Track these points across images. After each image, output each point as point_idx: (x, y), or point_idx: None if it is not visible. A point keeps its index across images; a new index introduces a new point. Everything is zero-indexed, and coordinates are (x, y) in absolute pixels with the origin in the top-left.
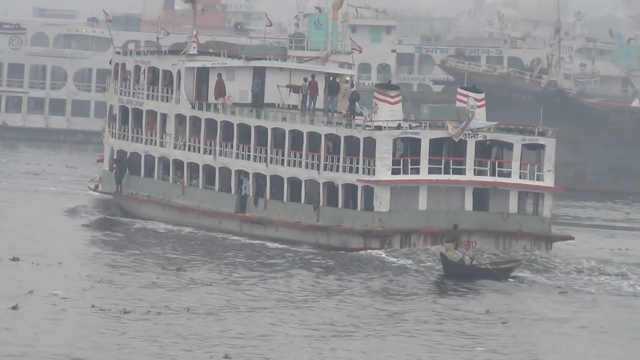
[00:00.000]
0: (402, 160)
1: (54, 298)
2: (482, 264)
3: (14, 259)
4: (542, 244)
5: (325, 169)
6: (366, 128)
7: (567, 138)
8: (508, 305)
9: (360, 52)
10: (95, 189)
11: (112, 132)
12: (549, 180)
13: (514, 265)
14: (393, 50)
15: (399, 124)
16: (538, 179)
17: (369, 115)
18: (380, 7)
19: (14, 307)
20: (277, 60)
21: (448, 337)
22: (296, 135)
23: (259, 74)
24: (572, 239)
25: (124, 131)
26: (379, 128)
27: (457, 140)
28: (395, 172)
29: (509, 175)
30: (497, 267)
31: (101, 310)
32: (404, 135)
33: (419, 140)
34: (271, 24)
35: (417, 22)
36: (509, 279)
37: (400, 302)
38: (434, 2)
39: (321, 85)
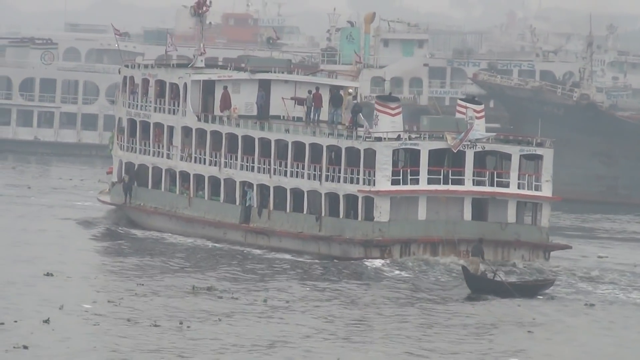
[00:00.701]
0: (401, 170)
1: (86, 312)
2: (503, 280)
3: (48, 274)
4: (540, 253)
5: (327, 180)
6: (366, 139)
7: (599, 151)
8: (534, 317)
9: (361, 63)
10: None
11: (121, 145)
12: (547, 190)
13: (544, 283)
14: (425, 64)
15: (399, 135)
16: (536, 189)
17: (368, 127)
18: (412, 21)
19: (46, 321)
20: (283, 73)
21: (476, 347)
22: (299, 146)
23: (264, 87)
24: (570, 247)
25: (132, 143)
26: (379, 139)
27: (455, 151)
28: (395, 182)
29: (507, 185)
30: (524, 284)
31: (136, 323)
32: (403, 147)
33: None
34: (278, 38)
35: (450, 36)
36: (538, 296)
37: (421, 312)
38: (466, 16)
39: (326, 98)
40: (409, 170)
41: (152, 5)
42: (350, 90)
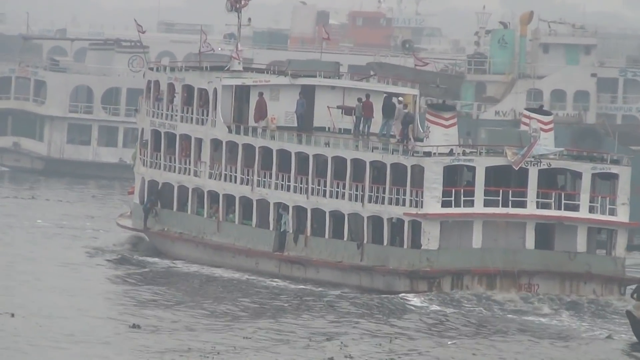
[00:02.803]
0: (454, 190)
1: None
2: None
3: (135, 326)
4: (614, 288)
5: (370, 201)
6: (414, 154)
7: None
8: None
9: (424, 66)
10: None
11: (144, 160)
12: (622, 215)
13: None
14: (593, 74)
15: (451, 149)
16: (611, 214)
17: (414, 140)
18: (578, 22)
19: None
20: (329, 77)
21: None
22: (339, 162)
23: (308, 94)
24: None
25: (156, 159)
26: (428, 154)
27: (517, 169)
28: (446, 204)
29: (577, 208)
30: None
31: None
32: (455, 162)
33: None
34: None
35: (623, 41)
36: None
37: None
38: None
39: (378, 107)
40: (462, 191)
41: (263, 1)
42: (400, 99)
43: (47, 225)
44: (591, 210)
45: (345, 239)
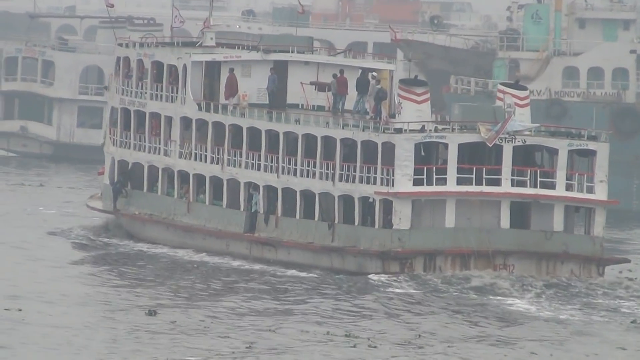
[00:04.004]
0: (425, 168)
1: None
2: None
3: (151, 313)
4: (592, 268)
5: (340, 180)
6: (385, 131)
7: None
8: None
9: (395, 39)
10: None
11: (113, 139)
12: (600, 193)
13: None
14: (632, 51)
15: (423, 126)
16: (588, 191)
17: (385, 115)
18: None
19: None
20: (303, 52)
21: None
22: (310, 140)
23: (280, 69)
24: (629, 261)
25: (126, 138)
26: (399, 131)
27: (491, 145)
28: (417, 182)
29: (553, 186)
30: None
31: None
32: (427, 139)
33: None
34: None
35: None
36: None
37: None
38: None
39: (353, 83)
40: (434, 169)
41: None
42: (374, 74)
43: (49, 213)
44: (568, 188)
45: (316, 219)
